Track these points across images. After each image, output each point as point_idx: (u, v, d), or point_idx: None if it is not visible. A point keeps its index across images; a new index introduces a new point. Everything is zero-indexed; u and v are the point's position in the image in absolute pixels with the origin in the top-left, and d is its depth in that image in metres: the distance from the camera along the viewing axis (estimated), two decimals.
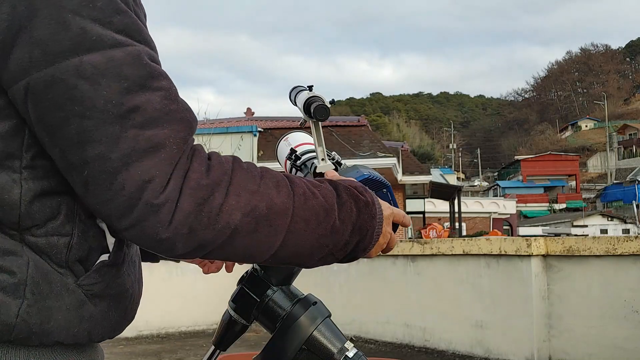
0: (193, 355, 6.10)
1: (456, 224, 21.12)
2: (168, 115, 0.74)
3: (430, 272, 6.23)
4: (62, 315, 0.77)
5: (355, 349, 0.97)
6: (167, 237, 0.72)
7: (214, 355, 1.05)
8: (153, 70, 0.75)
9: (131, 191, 0.71)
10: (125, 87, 0.72)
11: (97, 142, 0.71)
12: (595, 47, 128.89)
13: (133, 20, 0.76)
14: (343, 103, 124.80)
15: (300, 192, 0.81)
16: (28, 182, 0.75)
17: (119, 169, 0.71)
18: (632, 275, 4.59)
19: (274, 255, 0.80)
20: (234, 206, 0.75)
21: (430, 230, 18.07)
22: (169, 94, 0.76)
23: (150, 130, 0.72)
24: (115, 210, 0.72)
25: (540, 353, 5.08)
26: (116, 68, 0.72)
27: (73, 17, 0.71)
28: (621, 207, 49.11)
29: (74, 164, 0.72)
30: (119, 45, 0.73)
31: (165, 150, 0.72)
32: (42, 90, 0.71)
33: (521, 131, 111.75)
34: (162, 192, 0.71)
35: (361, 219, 0.86)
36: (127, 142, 0.71)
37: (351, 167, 1.05)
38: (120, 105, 0.71)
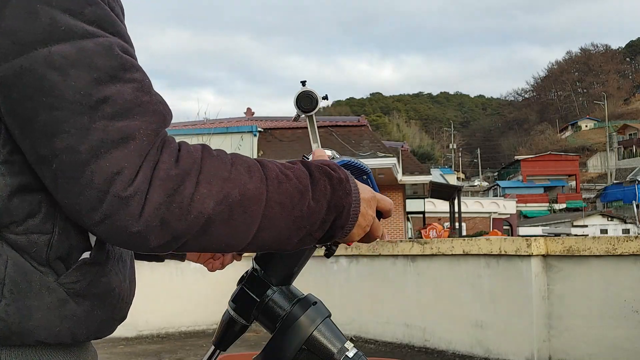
0: (193, 355, 6.10)
1: (456, 224, 21.13)
2: (140, 107, 0.73)
3: (430, 272, 6.23)
4: (42, 314, 0.76)
5: (355, 349, 0.97)
6: (138, 230, 0.71)
7: (214, 355, 1.05)
8: (125, 62, 0.74)
9: (100, 183, 0.69)
10: (95, 78, 0.71)
11: (66, 133, 0.69)
12: (595, 47, 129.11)
13: (105, 12, 0.75)
14: (343, 103, 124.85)
15: (273, 176, 0.79)
16: (5, 177, 0.74)
17: (87, 160, 0.69)
18: (632, 275, 4.59)
19: (252, 241, 0.79)
20: (206, 195, 0.73)
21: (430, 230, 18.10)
22: (141, 86, 0.75)
23: (121, 121, 0.71)
24: (85, 204, 0.70)
25: (540, 353, 5.08)
26: (86, 58, 0.71)
27: (43, 7, 0.70)
28: (621, 207, 49.15)
29: (43, 156, 0.71)
30: (89, 35, 0.72)
31: (135, 141, 0.71)
32: (12, 81, 0.70)
33: (521, 131, 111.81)
34: (130, 184, 0.70)
35: (336, 195, 0.84)
36: (96, 133, 0.70)
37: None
38: (90, 96, 0.70)
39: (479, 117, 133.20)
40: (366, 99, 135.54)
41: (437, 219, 26.50)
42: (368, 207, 0.90)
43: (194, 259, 1.21)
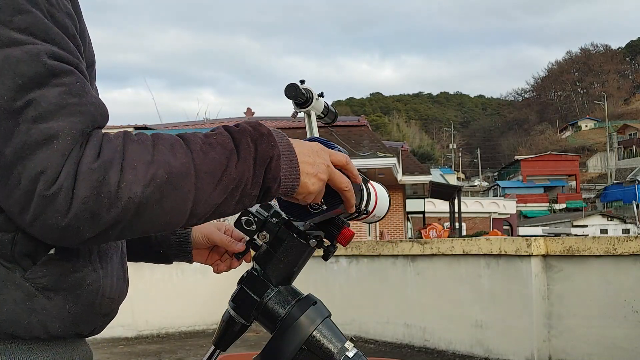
0: (193, 355, 6.10)
1: (456, 224, 21.12)
2: (65, 108, 0.74)
3: (430, 272, 6.23)
4: (7, 307, 0.78)
5: (355, 349, 0.97)
6: (68, 224, 0.72)
7: (214, 355, 1.05)
8: (53, 68, 0.75)
9: (26, 185, 0.71)
10: (19, 84, 0.73)
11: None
12: (595, 47, 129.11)
13: (37, 20, 0.77)
14: (343, 103, 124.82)
15: (197, 149, 0.80)
16: None
17: (13, 163, 0.71)
18: (632, 275, 4.59)
19: (191, 216, 0.80)
20: (132, 180, 0.74)
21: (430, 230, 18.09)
22: (69, 89, 0.76)
23: (44, 123, 0.73)
24: (15, 206, 0.73)
25: (540, 353, 5.08)
26: (12, 65, 0.73)
27: None
28: (621, 207, 49.15)
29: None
30: (16, 43, 0.74)
31: (57, 141, 0.73)
32: None
33: (521, 131, 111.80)
34: (54, 182, 0.71)
35: (260, 149, 0.85)
36: (20, 136, 0.72)
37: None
38: (13, 100, 0.72)
39: (479, 117, 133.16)
40: (366, 99, 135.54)
41: (437, 219, 26.50)
42: (315, 155, 0.90)
43: (202, 260, 1.21)
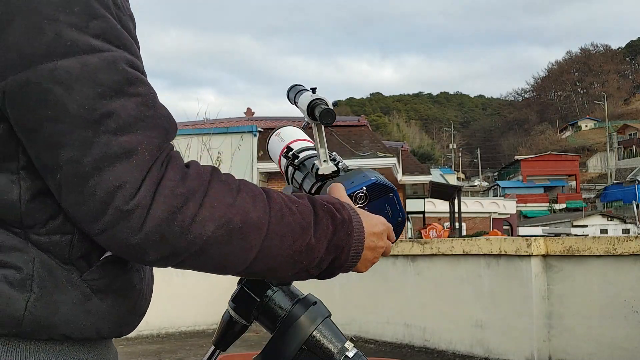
0: (193, 355, 6.10)
1: (456, 224, 21.11)
2: (142, 121, 0.74)
3: (430, 272, 6.23)
4: (68, 308, 0.78)
5: (355, 349, 0.97)
6: (137, 242, 0.73)
7: (214, 355, 1.05)
8: (129, 76, 0.75)
9: (102, 196, 0.71)
10: (99, 93, 0.72)
11: (70, 146, 0.71)
12: (595, 47, 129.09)
13: (111, 25, 0.76)
14: (343, 103, 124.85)
15: (277, 208, 0.81)
16: (26, 181, 0.76)
17: (90, 173, 0.71)
18: (632, 275, 4.59)
19: (247, 268, 0.81)
20: (208, 217, 0.75)
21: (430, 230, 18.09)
22: (145, 100, 0.76)
23: (123, 136, 0.73)
24: (87, 215, 0.73)
25: (540, 353, 5.08)
26: (90, 73, 0.72)
27: (49, 22, 0.72)
28: (621, 207, 49.14)
29: (47, 166, 0.73)
30: (94, 50, 0.73)
31: (137, 156, 0.73)
32: (17, 94, 0.72)
33: (521, 131, 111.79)
34: (132, 198, 0.72)
35: (337, 237, 0.85)
36: (99, 147, 0.72)
37: (356, 170, 1.02)
38: (94, 110, 0.72)
39: (479, 117, 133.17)
40: (366, 99, 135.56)
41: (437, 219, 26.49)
42: (378, 239, 0.92)
43: None
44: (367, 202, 0.99)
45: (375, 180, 0.99)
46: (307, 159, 1.10)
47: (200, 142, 11.81)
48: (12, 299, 0.75)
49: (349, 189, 0.97)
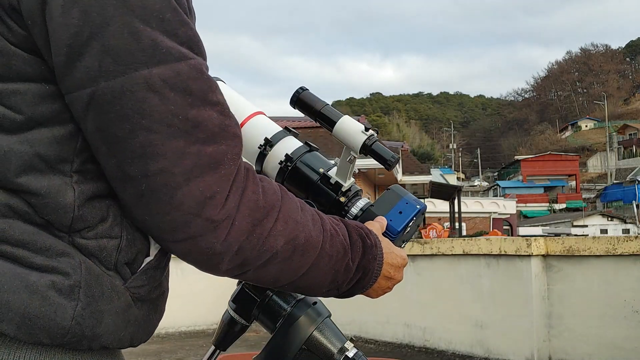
0: (193, 355, 6.10)
1: (456, 224, 21.10)
2: (224, 131, 0.75)
3: (430, 272, 6.23)
4: (112, 318, 0.76)
5: (355, 349, 0.97)
6: (220, 252, 0.74)
7: (214, 355, 1.05)
8: (212, 84, 0.75)
9: (191, 206, 0.71)
10: (189, 102, 0.72)
11: (162, 156, 0.70)
12: (595, 47, 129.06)
13: (194, 32, 0.76)
14: (343, 103, 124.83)
15: (328, 229, 0.85)
16: (79, 185, 0.74)
17: (180, 184, 0.71)
18: (632, 275, 4.59)
19: (293, 282, 0.84)
20: (281, 232, 0.78)
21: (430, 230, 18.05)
22: (224, 109, 0.76)
23: (211, 146, 0.73)
24: (170, 224, 0.72)
25: (540, 353, 5.08)
26: (183, 82, 0.72)
27: (144, 28, 0.71)
28: (621, 207, 49.11)
29: (132, 176, 0.72)
30: (184, 58, 0.73)
31: (223, 166, 0.73)
32: (110, 101, 0.70)
33: (521, 131, 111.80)
34: (222, 208, 0.72)
35: (365, 259, 0.90)
36: (191, 157, 0.71)
37: (393, 194, 1.00)
38: (186, 120, 0.71)
39: (479, 117, 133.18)
40: (366, 99, 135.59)
41: (437, 219, 26.45)
42: (395, 271, 0.96)
43: None
44: None
45: (420, 208, 1.00)
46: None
47: None
48: (61, 307, 0.71)
49: (402, 221, 0.98)
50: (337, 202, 1.01)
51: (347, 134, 1.00)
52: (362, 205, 1.00)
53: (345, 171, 1.01)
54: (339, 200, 1.01)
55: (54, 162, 0.73)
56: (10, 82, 0.71)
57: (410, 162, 21.08)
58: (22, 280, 0.70)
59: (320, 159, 1.04)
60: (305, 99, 1.04)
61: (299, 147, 1.03)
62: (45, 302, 0.70)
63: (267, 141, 1.03)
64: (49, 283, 0.71)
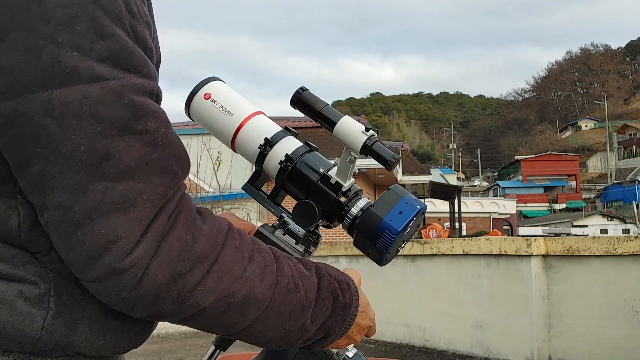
0: (193, 355, 6.10)
1: (456, 224, 21.10)
2: (147, 165, 0.65)
3: (430, 272, 6.23)
4: (86, 326, 0.70)
5: (355, 349, 0.97)
6: (128, 298, 0.66)
7: (214, 355, 1.05)
8: (137, 110, 0.65)
9: (92, 249, 0.63)
10: (99, 132, 0.62)
11: (60, 189, 0.62)
12: (595, 47, 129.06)
13: (121, 45, 0.65)
14: (343, 103, 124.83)
15: (284, 284, 0.75)
16: (25, 207, 0.68)
17: (80, 222, 0.62)
18: (632, 275, 4.59)
19: (233, 335, 0.76)
20: (211, 289, 0.68)
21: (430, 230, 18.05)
22: (152, 139, 0.66)
23: (122, 183, 0.63)
24: (75, 261, 0.65)
25: (540, 353, 5.08)
26: (91, 108, 0.62)
27: (46, 43, 0.62)
28: (621, 207, 49.12)
29: (36, 205, 0.65)
30: (97, 79, 0.63)
31: (135, 208, 0.63)
32: (4, 124, 0.62)
33: (521, 131, 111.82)
34: (127, 255, 0.63)
35: (332, 320, 0.82)
36: (94, 194, 0.62)
37: (393, 195, 0.99)
38: (91, 152, 0.62)
39: (479, 117, 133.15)
40: (366, 99, 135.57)
41: (437, 219, 26.46)
42: (359, 333, 0.89)
43: None
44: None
45: (420, 208, 0.98)
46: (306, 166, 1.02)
47: (200, 142, 11.79)
48: (29, 316, 0.67)
49: (402, 221, 0.96)
50: (337, 202, 1.00)
51: (348, 134, 0.99)
52: (362, 205, 1.00)
53: (346, 171, 1.00)
54: (339, 201, 1.00)
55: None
56: None
57: (410, 162, 21.08)
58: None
59: (321, 159, 1.04)
60: (306, 99, 1.04)
61: (299, 147, 1.03)
62: (12, 311, 0.66)
63: (267, 141, 1.02)
64: (17, 292, 0.67)
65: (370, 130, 0.99)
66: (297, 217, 1.00)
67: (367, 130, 0.98)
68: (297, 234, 1.01)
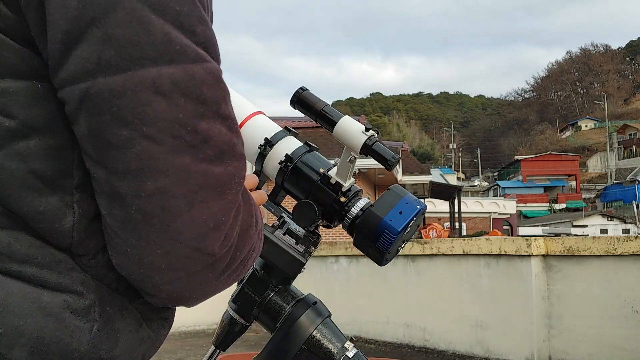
0: (193, 355, 6.10)
1: (456, 224, 21.10)
2: (233, 149, 0.64)
3: (430, 272, 6.23)
4: (126, 337, 0.67)
5: (355, 349, 0.97)
6: (214, 289, 0.67)
7: (214, 355, 1.05)
8: (226, 95, 0.65)
9: (191, 238, 0.61)
10: (201, 112, 0.61)
11: (162, 173, 0.59)
12: (595, 47, 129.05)
13: (212, 34, 0.65)
14: (343, 103, 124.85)
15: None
16: (81, 205, 0.63)
17: (181, 209, 0.59)
18: (632, 275, 4.59)
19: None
20: (256, 251, 0.73)
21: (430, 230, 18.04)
22: (232, 124, 0.65)
23: (218, 166, 0.62)
24: (161, 258, 0.61)
25: (540, 353, 5.08)
26: (196, 87, 0.60)
27: (157, 18, 0.59)
28: (621, 207, 49.11)
29: (120, 193, 0.60)
30: (200, 60, 0.61)
31: (230, 191, 0.63)
32: (107, 100, 0.58)
33: (521, 131, 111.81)
34: (225, 239, 0.63)
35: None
36: (197, 178, 0.60)
37: (393, 195, 0.99)
38: (195, 132, 0.60)
39: (479, 117, 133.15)
40: (366, 99, 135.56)
41: (437, 219, 26.45)
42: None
43: None
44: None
45: (420, 208, 0.98)
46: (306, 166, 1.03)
47: None
48: (77, 329, 0.62)
49: (402, 221, 0.96)
50: (337, 202, 1.00)
51: (348, 134, 0.99)
52: (363, 205, 1.00)
53: (346, 171, 1.00)
54: (339, 200, 1.00)
55: (52, 178, 0.62)
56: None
57: (410, 162, 21.07)
58: (33, 302, 0.60)
59: (321, 159, 1.04)
60: (306, 99, 1.04)
61: (299, 147, 1.03)
62: (60, 324, 0.61)
63: (267, 141, 1.02)
64: (63, 303, 0.62)
65: (370, 130, 0.99)
66: (297, 217, 1.00)
67: (367, 130, 0.98)
68: (297, 234, 1.01)
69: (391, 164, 0.98)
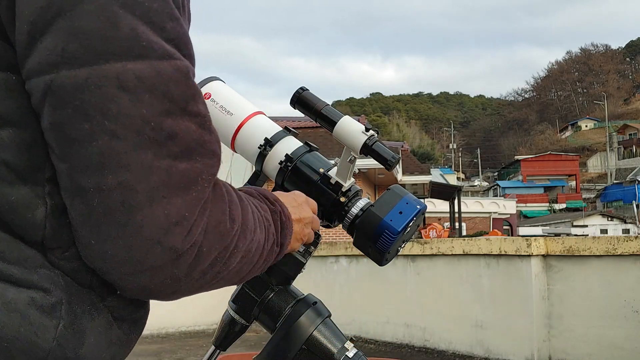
0: (193, 355, 6.10)
1: (456, 224, 21.10)
2: (202, 147, 0.64)
3: (430, 272, 6.23)
4: (94, 337, 0.66)
5: (355, 349, 0.97)
6: (184, 280, 0.65)
7: (214, 355, 1.05)
8: (196, 92, 0.65)
9: (151, 232, 0.60)
10: (166, 109, 0.61)
11: (124, 168, 0.59)
12: (595, 47, 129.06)
13: (184, 31, 0.65)
14: (343, 103, 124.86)
15: (264, 225, 0.78)
16: (53, 197, 0.63)
17: (142, 204, 0.59)
18: (632, 275, 4.59)
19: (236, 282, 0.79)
20: (239, 249, 0.70)
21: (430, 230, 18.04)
22: (204, 121, 0.65)
23: (184, 163, 0.62)
24: (122, 252, 0.61)
25: (540, 353, 5.08)
26: (163, 84, 0.61)
27: (125, 14, 0.59)
28: (621, 207, 49.11)
29: (83, 187, 0.59)
30: (168, 57, 0.62)
31: (196, 188, 0.63)
32: (70, 93, 0.58)
33: (521, 131, 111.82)
34: (188, 235, 0.62)
35: (282, 235, 0.84)
36: (159, 174, 0.60)
37: (393, 195, 0.99)
38: (160, 129, 0.60)
39: (479, 117, 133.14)
40: (366, 99, 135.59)
41: (437, 219, 26.45)
42: (301, 211, 0.90)
43: None
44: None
45: (420, 208, 0.98)
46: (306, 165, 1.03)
47: None
48: (42, 327, 0.61)
49: (402, 221, 0.96)
50: (337, 202, 1.01)
51: (348, 134, 0.99)
52: (363, 205, 1.00)
53: (346, 171, 1.00)
54: (339, 200, 1.00)
55: (24, 170, 0.62)
56: None
57: (410, 162, 21.08)
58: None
59: (321, 159, 1.04)
60: (306, 99, 1.04)
61: (299, 147, 1.03)
62: (24, 321, 0.60)
63: (267, 141, 1.02)
64: (29, 300, 0.61)
65: (370, 130, 0.99)
66: None
67: (367, 130, 0.98)
68: None
69: (391, 164, 0.98)
